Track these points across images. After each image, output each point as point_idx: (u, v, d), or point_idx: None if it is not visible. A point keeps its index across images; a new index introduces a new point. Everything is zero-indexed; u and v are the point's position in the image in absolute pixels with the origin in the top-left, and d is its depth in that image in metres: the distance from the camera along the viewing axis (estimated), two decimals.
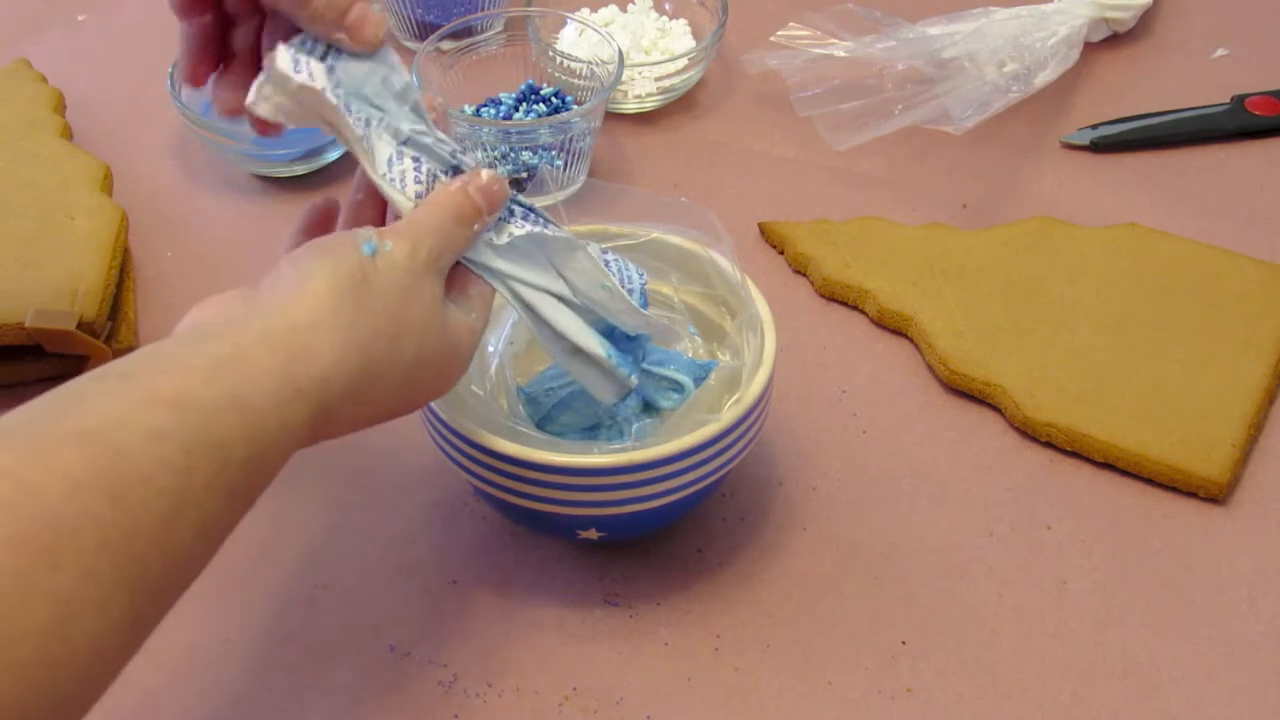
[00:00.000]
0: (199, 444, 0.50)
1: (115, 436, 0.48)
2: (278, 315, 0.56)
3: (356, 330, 0.57)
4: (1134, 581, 0.74)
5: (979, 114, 0.94)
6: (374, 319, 0.58)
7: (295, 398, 0.55)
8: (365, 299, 0.58)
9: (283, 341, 0.55)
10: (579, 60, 0.97)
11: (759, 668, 0.71)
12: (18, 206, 0.89)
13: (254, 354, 0.54)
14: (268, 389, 0.54)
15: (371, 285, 0.59)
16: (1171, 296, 0.86)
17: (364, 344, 0.58)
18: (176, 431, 0.50)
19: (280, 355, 0.55)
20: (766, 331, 0.72)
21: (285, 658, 0.71)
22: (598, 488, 0.68)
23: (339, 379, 0.57)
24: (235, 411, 0.52)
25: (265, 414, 0.53)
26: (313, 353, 0.56)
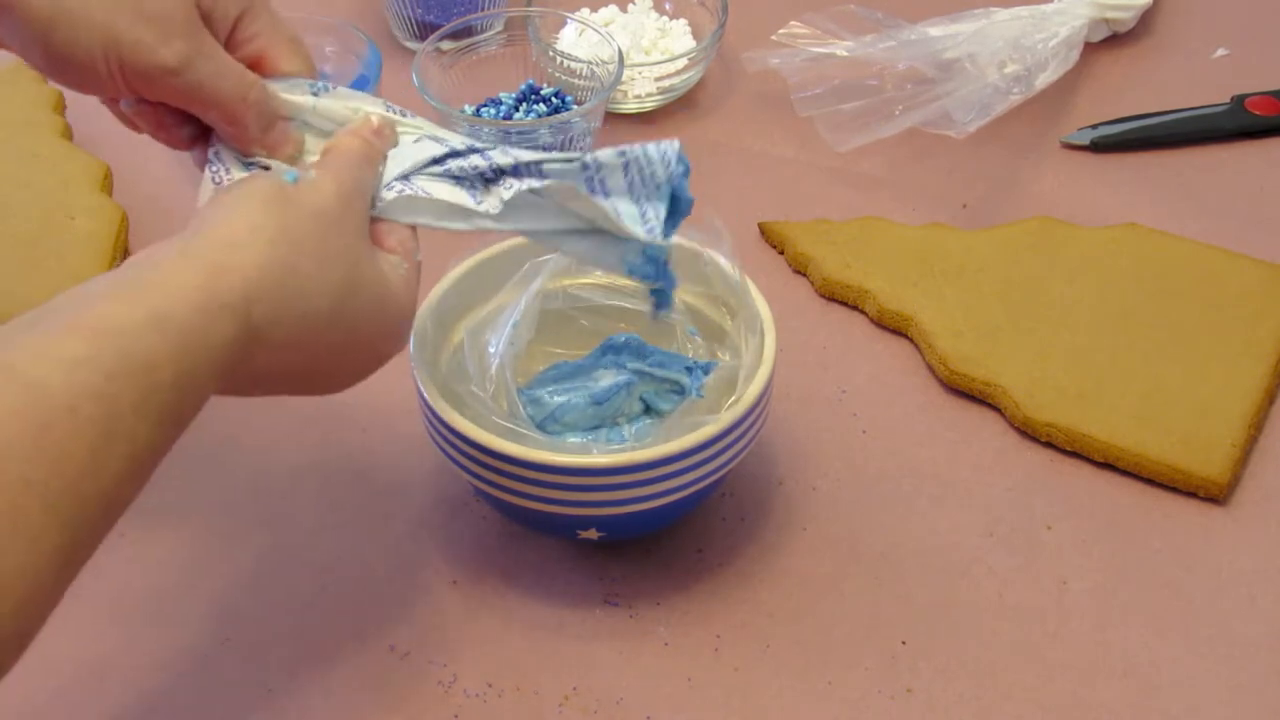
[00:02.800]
0: (122, 369, 0.50)
1: (34, 370, 0.48)
2: (199, 236, 0.56)
3: (279, 245, 0.57)
4: (1134, 581, 0.74)
5: (981, 117, 0.94)
6: (299, 237, 0.58)
7: (220, 312, 0.54)
8: (289, 217, 0.58)
9: (204, 258, 0.55)
10: (579, 60, 0.97)
11: (759, 668, 0.71)
12: (18, 206, 0.89)
13: (175, 270, 0.54)
14: (191, 302, 0.53)
15: (295, 205, 0.59)
16: (1171, 296, 0.86)
17: (287, 259, 0.57)
18: (98, 358, 0.49)
19: (201, 271, 0.54)
20: (766, 331, 0.72)
21: (285, 658, 0.71)
22: (598, 488, 0.68)
23: (264, 293, 0.56)
24: (158, 331, 0.51)
25: (189, 331, 0.53)
26: (235, 265, 0.55)
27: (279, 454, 0.81)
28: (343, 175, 0.62)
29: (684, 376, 0.75)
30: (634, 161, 0.67)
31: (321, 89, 0.67)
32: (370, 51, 0.98)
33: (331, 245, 0.59)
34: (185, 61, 0.60)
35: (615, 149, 0.67)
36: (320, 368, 0.61)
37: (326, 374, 0.62)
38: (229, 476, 0.80)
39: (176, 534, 0.77)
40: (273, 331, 0.56)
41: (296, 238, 0.58)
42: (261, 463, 0.81)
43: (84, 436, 0.48)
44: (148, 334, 0.51)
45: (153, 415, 0.51)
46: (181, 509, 0.78)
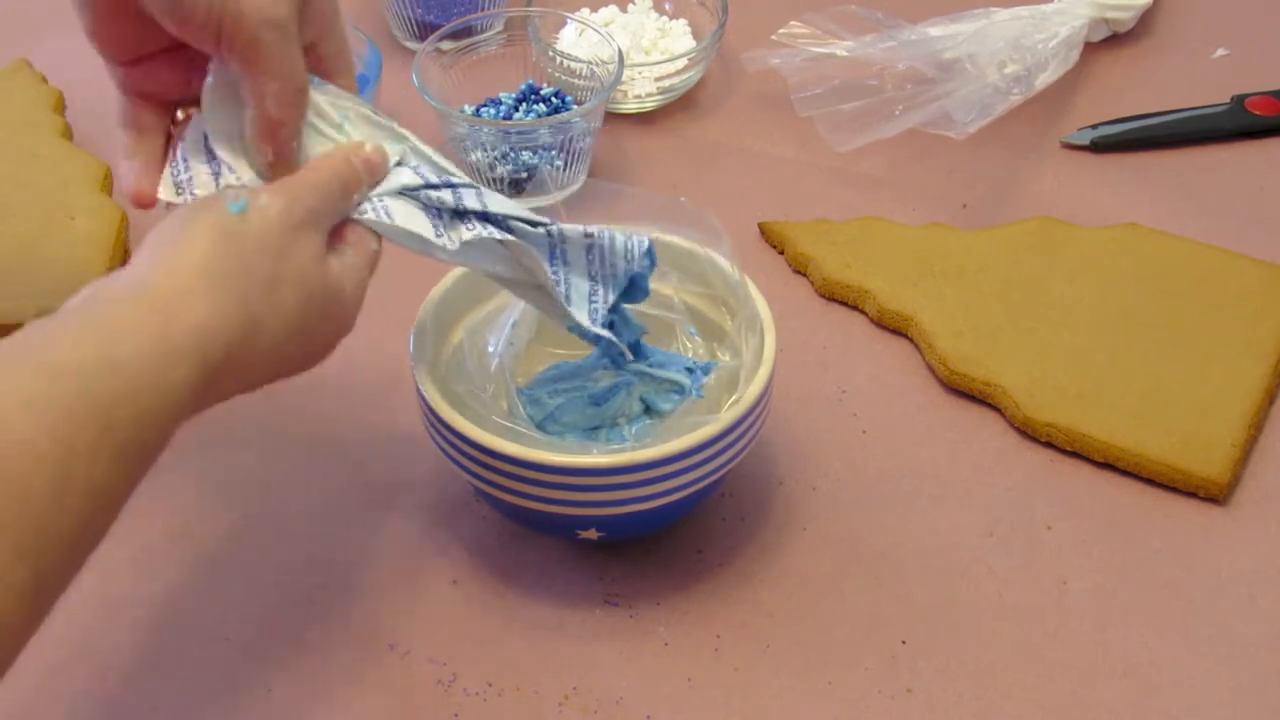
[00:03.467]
0: (80, 408, 0.50)
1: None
2: (150, 277, 0.56)
3: (230, 284, 0.57)
4: (1134, 581, 0.74)
5: (981, 118, 0.94)
6: (248, 271, 0.58)
7: (173, 357, 0.54)
8: (237, 253, 0.58)
9: (155, 305, 0.55)
10: (579, 60, 0.97)
11: (759, 668, 0.71)
12: (18, 206, 0.89)
13: (127, 315, 0.54)
14: (143, 350, 0.53)
15: (243, 239, 0.59)
16: (1171, 296, 0.86)
17: (240, 297, 0.58)
18: (53, 397, 0.50)
19: (155, 316, 0.55)
20: (766, 331, 0.72)
21: (285, 658, 0.71)
22: (598, 488, 0.68)
23: (217, 334, 0.56)
24: (111, 374, 0.52)
25: (143, 375, 0.53)
26: (186, 309, 0.56)
27: (279, 454, 0.81)
28: (295, 205, 0.62)
29: (684, 377, 0.75)
30: (598, 247, 0.69)
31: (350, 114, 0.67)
32: (370, 51, 0.98)
33: (282, 273, 0.60)
34: (284, 24, 0.61)
35: (583, 229, 0.68)
36: (281, 372, 0.62)
37: (286, 372, 0.63)
38: (229, 476, 0.80)
39: (176, 534, 0.77)
40: (231, 365, 0.57)
41: (246, 275, 0.58)
42: (261, 462, 0.81)
43: (43, 474, 0.48)
44: (101, 377, 0.52)
45: (112, 454, 0.51)
46: (181, 508, 0.78)
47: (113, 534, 0.52)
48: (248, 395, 0.62)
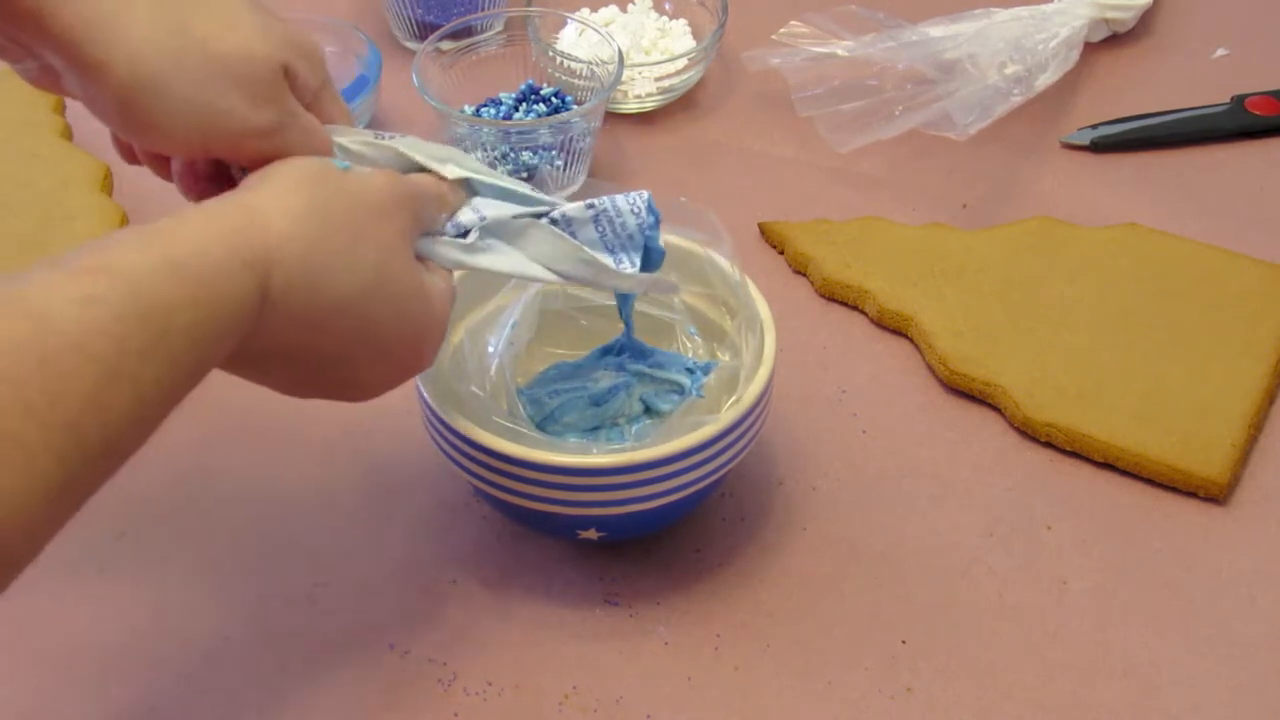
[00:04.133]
0: (132, 311, 0.49)
1: (43, 303, 0.48)
2: (228, 200, 0.56)
3: (310, 218, 0.57)
4: (1134, 581, 0.74)
5: (981, 119, 0.94)
6: (332, 213, 0.58)
7: (239, 268, 0.53)
8: (325, 193, 0.58)
9: (228, 216, 0.55)
10: (579, 60, 0.97)
11: (759, 667, 0.71)
12: (17, 206, 0.89)
13: (197, 224, 0.54)
14: (211, 254, 0.53)
15: (336, 186, 0.58)
16: (1171, 296, 0.86)
17: (315, 231, 0.57)
18: (110, 297, 0.49)
19: (224, 227, 0.54)
20: (766, 331, 0.72)
21: (285, 657, 0.71)
22: (598, 488, 0.69)
23: (285, 258, 0.55)
24: (175, 278, 0.51)
25: (208, 281, 0.52)
26: (258, 226, 0.55)
27: (279, 454, 0.81)
28: (398, 183, 0.62)
29: (684, 377, 0.75)
30: (603, 214, 0.68)
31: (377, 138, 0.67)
32: (370, 51, 0.99)
33: (367, 231, 0.59)
34: (276, 125, 0.60)
35: (584, 202, 0.67)
36: (331, 357, 0.59)
37: (337, 369, 0.60)
38: (229, 475, 0.80)
39: (177, 533, 0.77)
40: (289, 299, 0.56)
41: (329, 214, 0.57)
42: (261, 462, 0.81)
43: (88, 373, 0.48)
44: (162, 279, 0.51)
45: (162, 360, 0.50)
46: (182, 508, 0.78)
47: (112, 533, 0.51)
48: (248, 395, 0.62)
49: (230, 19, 0.59)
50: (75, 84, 0.59)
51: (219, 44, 0.58)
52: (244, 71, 0.59)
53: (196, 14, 0.58)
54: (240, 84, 0.59)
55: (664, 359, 0.76)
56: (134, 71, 0.57)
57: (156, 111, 0.58)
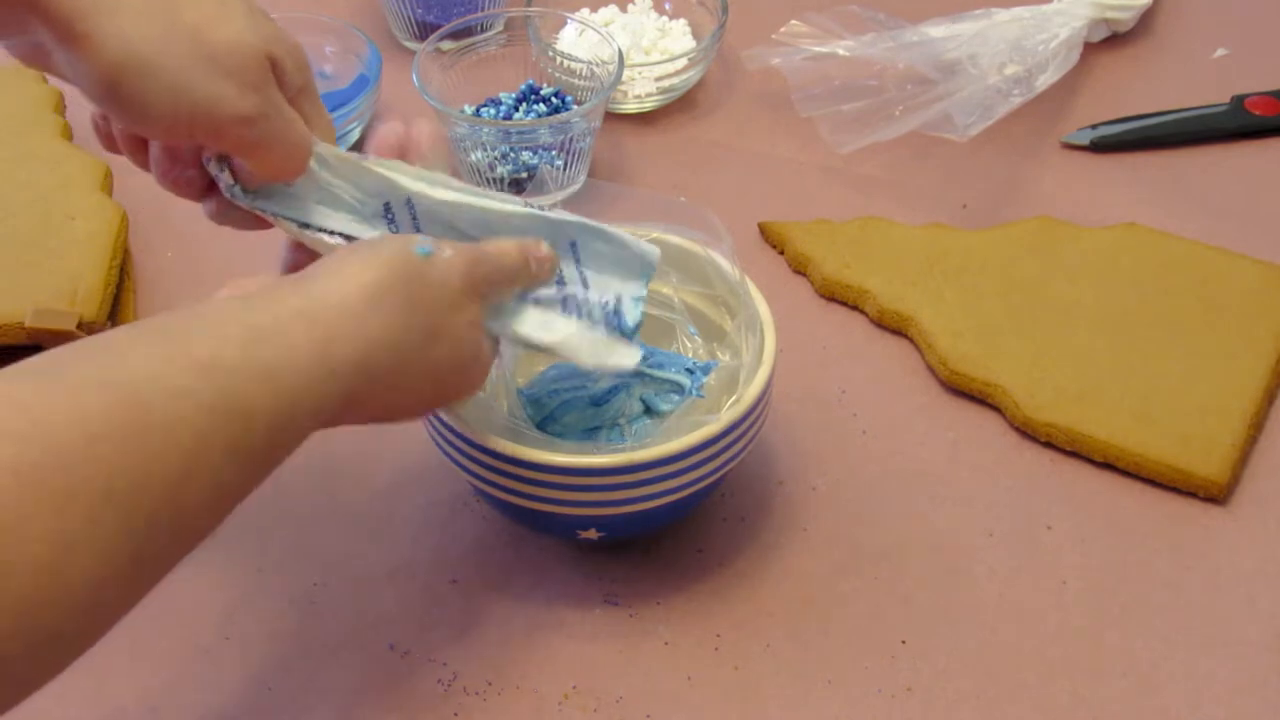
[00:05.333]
0: (223, 408, 0.51)
1: (141, 390, 0.49)
2: (319, 296, 0.57)
3: (396, 322, 0.59)
4: (1134, 581, 0.74)
5: (982, 120, 0.94)
6: (415, 315, 0.60)
7: (328, 378, 0.56)
8: (412, 293, 0.60)
9: (322, 320, 0.56)
10: (579, 60, 0.97)
11: (759, 667, 0.71)
12: (18, 206, 0.89)
13: (292, 328, 0.55)
14: (300, 365, 0.55)
15: (421, 282, 0.60)
16: (1171, 296, 0.86)
17: (401, 337, 0.59)
18: (203, 393, 0.51)
19: (318, 333, 0.56)
20: (766, 331, 0.72)
21: (285, 657, 0.71)
22: (598, 488, 0.69)
23: (372, 367, 0.58)
24: (265, 381, 0.53)
25: (296, 389, 0.54)
26: (350, 336, 0.57)
27: None
28: (475, 268, 0.63)
29: (684, 377, 0.75)
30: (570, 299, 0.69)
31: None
32: (370, 51, 0.99)
33: (444, 328, 0.61)
34: (260, 113, 0.61)
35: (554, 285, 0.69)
36: (394, 416, 0.63)
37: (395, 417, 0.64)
38: None
39: None
40: (370, 396, 0.59)
41: (414, 317, 0.60)
42: None
43: (171, 463, 0.49)
44: (254, 382, 0.53)
45: (241, 458, 0.52)
46: None
47: None
48: None
49: (222, 10, 0.60)
50: (64, 61, 0.59)
51: (208, 31, 0.59)
52: (231, 59, 0.59)
53: (188, 3, 0.59)
54: (227, 71, 0.59)
55: (664, 359, 0.76)
56: (123, 51, 0.57)
57: (143, 92, 0.58)
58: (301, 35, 1.00)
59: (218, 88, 0.59)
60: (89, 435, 0.47)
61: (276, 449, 0.55)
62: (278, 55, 0.62)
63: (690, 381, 0.75)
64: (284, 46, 0.63)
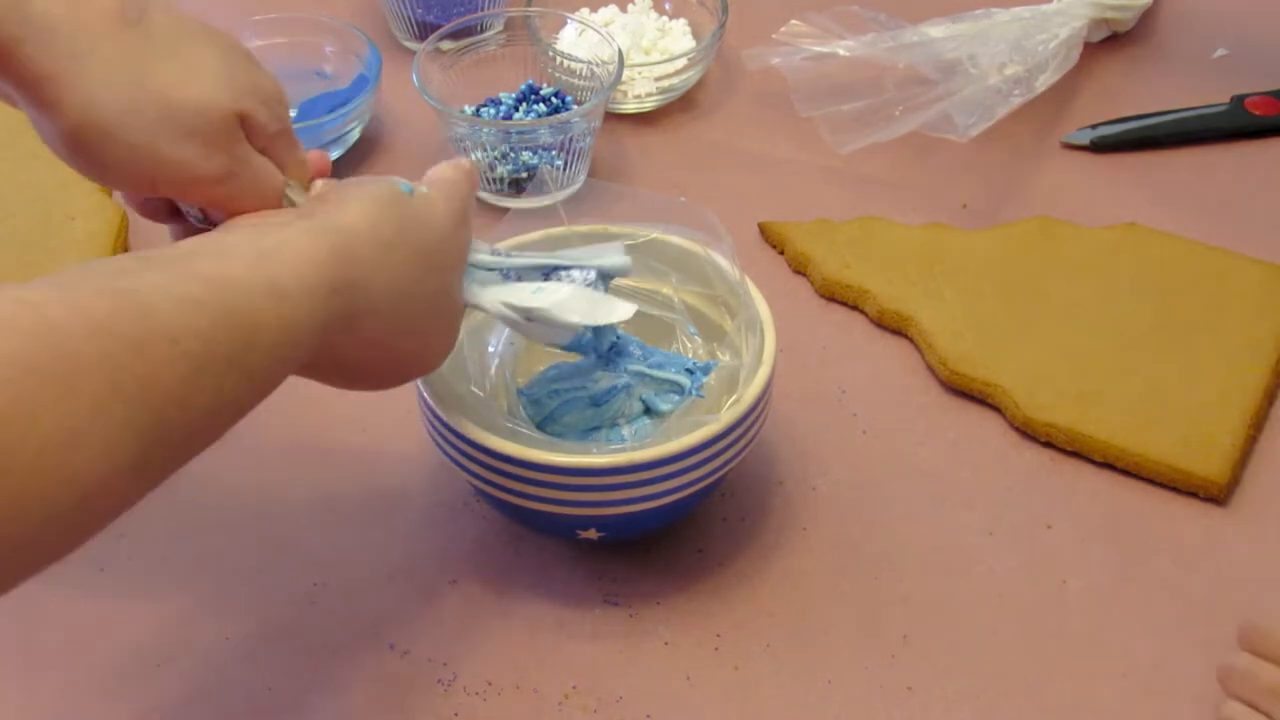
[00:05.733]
0: (227, 319, 0.52)
1: (147, 296, 0.50)
2: (322, 218, 0.59)
3: (394, 249, 0.60)
4: (1134, 581, 0.74)
5: (983, 121, 0.94)
6: (409, 245, 0.61)
7: (330, 295, 0.57)
8: (403, 224, 0.61)
9: (327, 239, 0.58)
10: (579, 60, 0.97)
11: (759, 667, 0.71)
12: (18, 206, 0.89)
13: (298, 244, 0.57)
14: (305, 280, 0.56)
15: (410, 215, 0.62)
16: (1171, 296, 0.86)
17: (399, 264, 0.60)
18: (208, 302, 0.52)
19: (324, 251, 0.57)
20: (766, 331, 0.72)
21: (285, 657, 0.71)
22: (598, 488, 0.69)
23: (370, 285, 0.59)
24: (270, 296, 0.54)
25: (298, 304, 0.55)
26: (353, 256, 0.58)
27: (279, 454, 0.81)
28: (453, 200, 0.66)
29: (684, 377, 0.75)
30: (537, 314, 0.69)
31: None
32: (370, 51, 0.98)
33: (436, 258, 0.63)
34: (226, 173, 0.61)
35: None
36: (381, 367, 0.64)
37: (379, 375, 0.65)
38: (229, 475, 0.80)
39: (177, 533, 0.77)
40: (366, 322, 0.59)
41: (408, 247, 0.61)
42: (262, 462, 0.81)
43: (177, 367, 0.50)
44: (260, 297, 0.54)
45: (244, 369, 0.53)
46: (182, 508, 0.78)
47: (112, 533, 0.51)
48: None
49: (192, 69, 0.60)
50: (31, 115, 0.60)
51: (176, 95, 0.59)
52: (198, 120, 0.59)
53: (158, 64, 0.59)
54: (191, 134, 0.59)
55: (664, 359, 0.76)
56: (85, 117, 0.58)
57: (105, 155, 0.59)
58: (301, 35, 1.01)
59: (182, 151, 0.59)
60: (96, 331, 0.48)
61: (278, 364, 0.55)
62: (249, 110, 0.61)
63: (690, 381, 0.75)
64: (258, 96, 0.62)
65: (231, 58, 0.62)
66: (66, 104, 0.57)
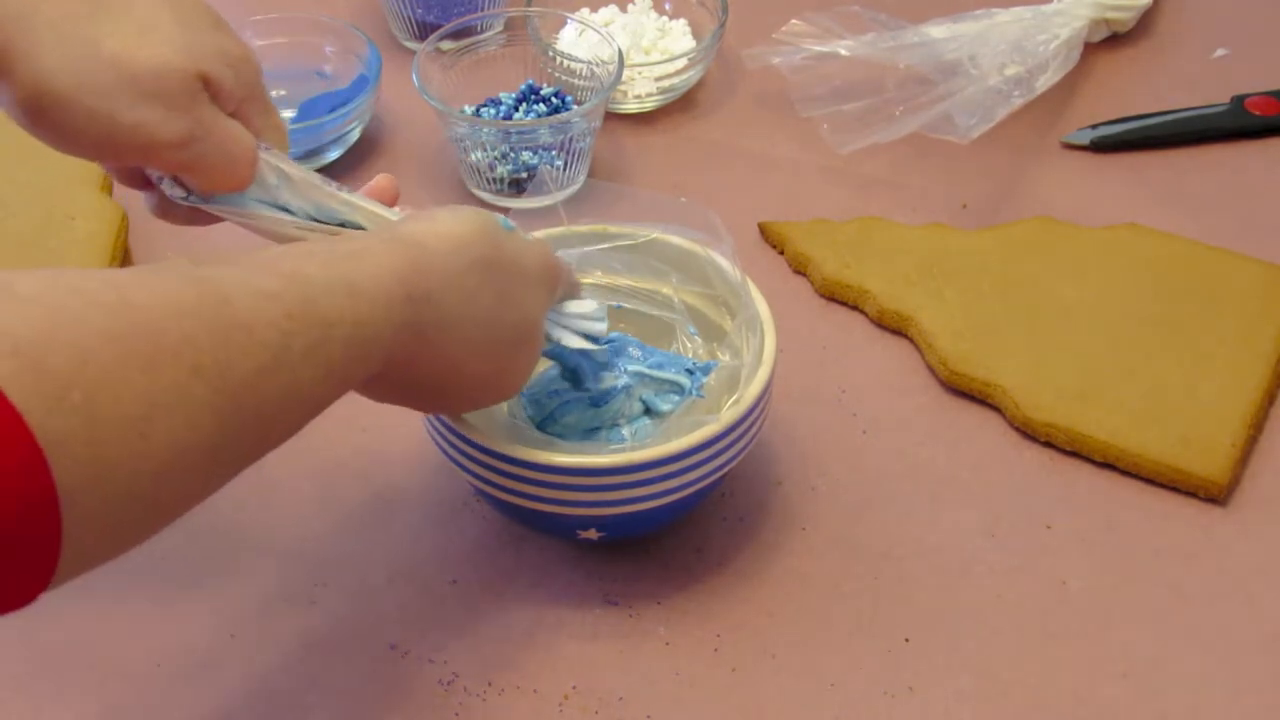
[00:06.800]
0: (303, 313, 0.52)
1: (227, 287, 0.51)
2: (407, 233, 0.60)
3: (472, 271, 0.61)
4: (1134, 581, 0.74)
5: (983, 122, 0.94)
6: (492, 275, 0.62)
7: (404, 302, 0.57)
8: (491, 257, 0.62)
9: (407, 251, 0.58)
10: (579, 60, 0.97)
11: (759, 667, 0.71)
12: (18, 206, 0.89)
13: (377, 251, 0.58)
14: (381, 283, 0.56)
15: (502, 250, 0.62)
16: (1171, 296, 0.86)
17: (476, 289, 0.61)
18: (286, 296, 0.52)
19: (401, 260, 0.58)
20: (766, 331, 0.72)
21: (285, 658, 0.71)
22: (598, 488, 0.69)
23: (445, 304, 0.59)
24: (346, 295, 0.55)
25: (374, 304, 0.56)
26: (430, 270, 0.59)
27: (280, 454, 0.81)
28: (555, 266, 0.67)
29: (684, 377, 0.75)
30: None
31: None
32: (370, 51, 0.98)
33: (514, 296, 0.63)
34: (188, 136, 0.60)
35: None
36: (451, 387, 0.64)
37: (449, 396, 0.65)
38: None
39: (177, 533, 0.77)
40: (437, 337, 0.60)
41: (487, 271, 0.61)
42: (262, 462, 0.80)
43: (254, 356, 0.50)
44: (336, 294, 0.55)
45: (318, 364, 0.53)
46: None
47: None
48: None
49: (145, 31, 0.59)
50: None
51: (129, 59, 0.58)
52: (153, 85, 0.59)
53: (111, 26, 0.58)
54: (148, 97, 0.59)
55: (664, 359, 0.76)
56: (38, 86, 0.57)
57: (63, 123, 0.59)
58: (301, 35, 1.01)
59: (140, 114, 0.59)
60: (178, 312, 0.48)
61: (353, 362, 0.56)
62: (211, 72, 0.61)
63: (690, 382, 0.75)
64: (223, 58, 0.61)
65: (191, 18, 0.61)
66: (19, 73, 0.57)
